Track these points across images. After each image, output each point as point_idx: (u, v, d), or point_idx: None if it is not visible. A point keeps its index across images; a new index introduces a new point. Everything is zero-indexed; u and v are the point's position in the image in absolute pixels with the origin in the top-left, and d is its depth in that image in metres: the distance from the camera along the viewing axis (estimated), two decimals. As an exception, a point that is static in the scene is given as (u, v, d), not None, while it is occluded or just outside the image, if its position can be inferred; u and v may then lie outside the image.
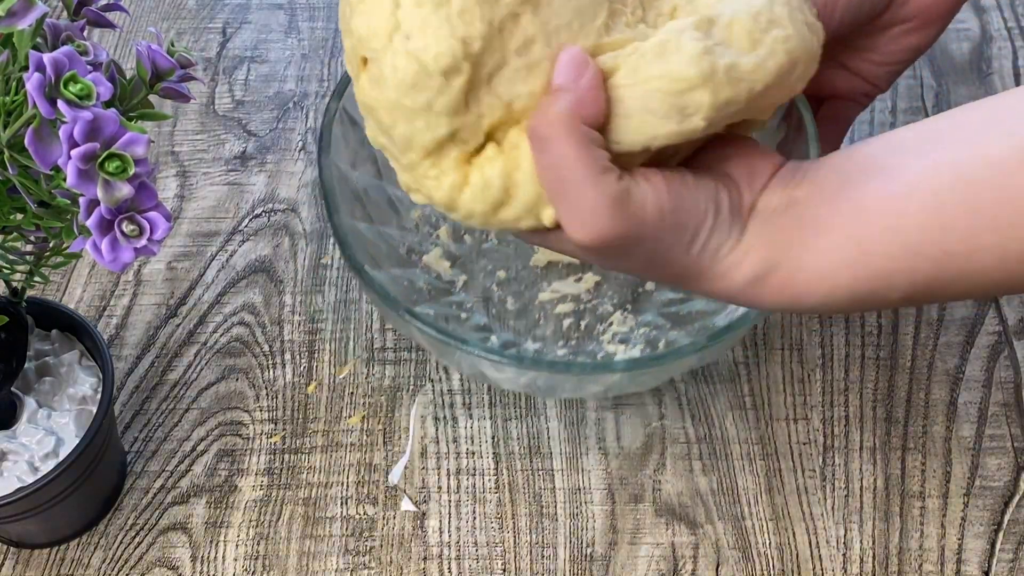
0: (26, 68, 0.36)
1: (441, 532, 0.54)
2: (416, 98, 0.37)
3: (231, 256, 0.64)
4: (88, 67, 0.37)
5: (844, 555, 0.53)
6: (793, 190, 0.39)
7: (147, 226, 0.37)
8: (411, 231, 0.60)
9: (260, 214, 0.66)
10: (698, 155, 0.41)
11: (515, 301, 0.60)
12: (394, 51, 0.37)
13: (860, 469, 0.56)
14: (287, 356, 0.60)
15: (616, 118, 0.37)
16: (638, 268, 0.40)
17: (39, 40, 0.39)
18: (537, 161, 0.38)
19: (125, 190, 0.36)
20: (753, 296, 0.39)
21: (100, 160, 0.35)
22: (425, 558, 0.54)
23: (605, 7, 0.38)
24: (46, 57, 0.35)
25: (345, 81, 0.52)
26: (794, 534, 0.54)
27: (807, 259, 0.38)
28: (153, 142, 0.69)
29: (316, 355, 0.60)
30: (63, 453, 0.49)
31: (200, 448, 0.57)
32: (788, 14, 0.38)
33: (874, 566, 0.53)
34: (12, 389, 0.50)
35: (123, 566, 0.53)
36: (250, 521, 0.55)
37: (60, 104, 0.35)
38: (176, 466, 0.56)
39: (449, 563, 0.54)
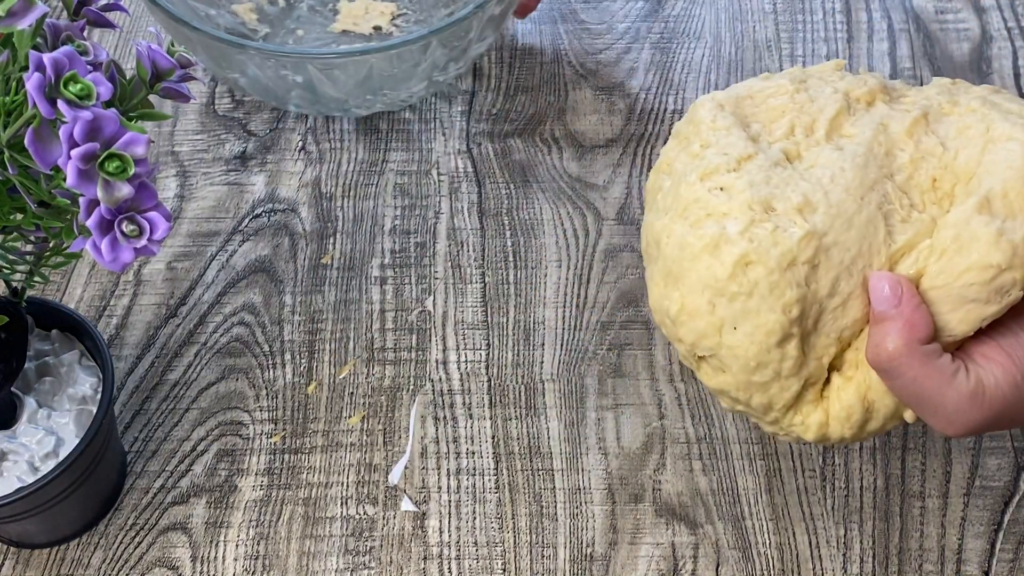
0: (26, 68, 0.36)
1: (441, 532, 0.54)
2: (764, 373, 0.42)
3: (231, 256, 0.64)
4: (88, 67, 0.37)
5: (844, 555, 0.53)
6: None
7: (147, 226, 0.37)
8: None
9: (260, 214, 0.66)
10: None
11: None
12: (729, 343, 0.42)
13: (860, 469, 0.56)
14: (287, 356, 0.60)
15: (941, 316, 0.41)
16: (1007, 428, 0.43)
17: (39, 40, 0.39)
18: (889, 386, 0.41)
19: (125, 190, 0.36)
20: None
21: (100, 160, 0.36)
22: (425, 558, 0.54)
23: (880, 218, 0.42)
24: (46, 57, 0.35)
25: None
26: (794, 534, 0.54)
27: None
28: (153, 142, 0.69)
29: (316, 355, 0.60)
30: (63, 453, 0.49)
31: (200, 448, 0.57)
32: None
33: (874, 566, 0.53)
34: (12, 389, 0.50)
35: (123, 566, 0.53)
36: (250, 521, 0.55)
37: (60, 104, 0.35)
38: (176, 466, 0.56)
39: (449, 563, 0.54)
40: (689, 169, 0.44)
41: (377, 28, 0.72)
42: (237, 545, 0.54)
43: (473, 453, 0.57)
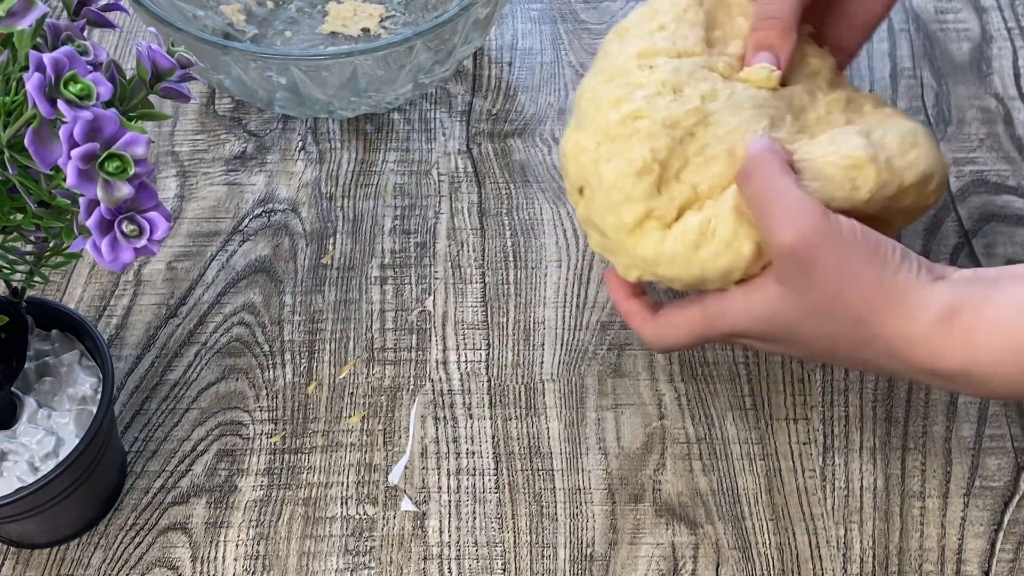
0: (26, 68, 0.36)
1: (441, 532, 0.54)
2: (618, 194, 0.48)
3: (231, 256, 0.64)
4: (88, 67, 0.37)
5: (844, 555, 0.53)
6: (975, 273, 0.44)
7: (147, 226, 0.37)
8: None
9: (260, 214, 0.66)
10: None
11: None
12: (600, 171, 0.48)
13: (860, 469, 0.56)
14: (287, 356, 0.60)
15: (800, 183, 0.46)
16: (826, 289, 0.44)
17: (39, 40, 0.39)
18: (745, 192, 0.46)
19: (125, 190, 0.36)
20: (936, 341, 0.43)
21: (100, 160, 0.36)
22: (425, 558, 0.54)
23: (767, 117, 0.48)
24: (46, 57, 0.35)
25: None
26: (794, 534, 0.54)
27: (987, 310, 0.42)
28: (153, 142, 0.69)
29: (316, 355, 0.60)
30: (63, 453, 0.49)
31: (200, 448, 0.57)
32: (927, 139, 0.50)
33: (874, 566, 0.53)
34: (12, 389, 0.50)
35: (123, 566, 0.53)
36: (250, 521, 0.55)
37: (60, 104, 0.35)
38: (176, 466, 0.56)
39: (449, 563, 0.54)
40: (635, 42, 0.50)
41: (365, 30, 0.72)
42: (237, 545, 0.54)
43: (473, 453, 0.57)
